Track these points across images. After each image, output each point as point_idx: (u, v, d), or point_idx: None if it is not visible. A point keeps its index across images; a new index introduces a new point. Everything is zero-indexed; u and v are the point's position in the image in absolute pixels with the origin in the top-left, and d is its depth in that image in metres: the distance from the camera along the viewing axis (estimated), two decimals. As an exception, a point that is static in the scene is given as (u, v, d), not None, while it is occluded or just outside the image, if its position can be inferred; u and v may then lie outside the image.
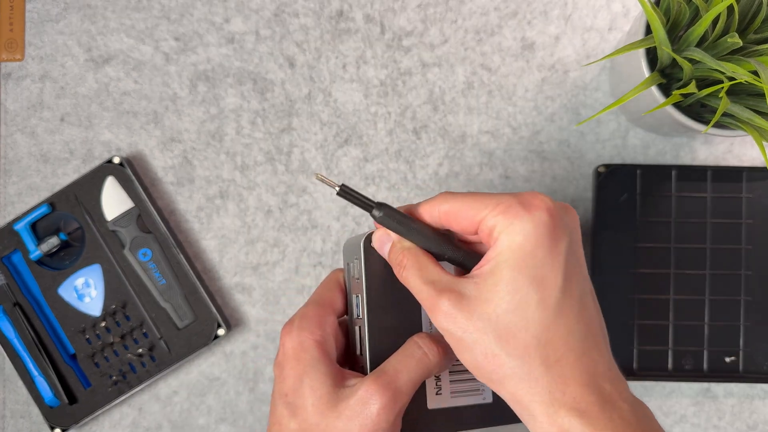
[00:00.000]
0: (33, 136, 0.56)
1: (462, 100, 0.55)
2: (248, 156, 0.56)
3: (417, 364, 0.35)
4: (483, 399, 0.40)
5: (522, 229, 0.32)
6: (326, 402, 0.34)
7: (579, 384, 0.31)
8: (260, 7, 0.56)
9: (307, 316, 0.37)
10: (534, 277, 0.32)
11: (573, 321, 0.32)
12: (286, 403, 0.35)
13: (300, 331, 0.36)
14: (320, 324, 0.37)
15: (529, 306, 0.31)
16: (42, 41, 0.56)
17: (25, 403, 0.55)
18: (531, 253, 0.32)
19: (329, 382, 0.35)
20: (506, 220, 0.32)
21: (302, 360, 0.35)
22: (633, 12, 0.55)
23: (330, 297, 0.38)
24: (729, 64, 0.40)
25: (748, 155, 0.54)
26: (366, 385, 0.34)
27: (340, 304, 0.39)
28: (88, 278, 0.54)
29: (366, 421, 0.34)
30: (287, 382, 0.36)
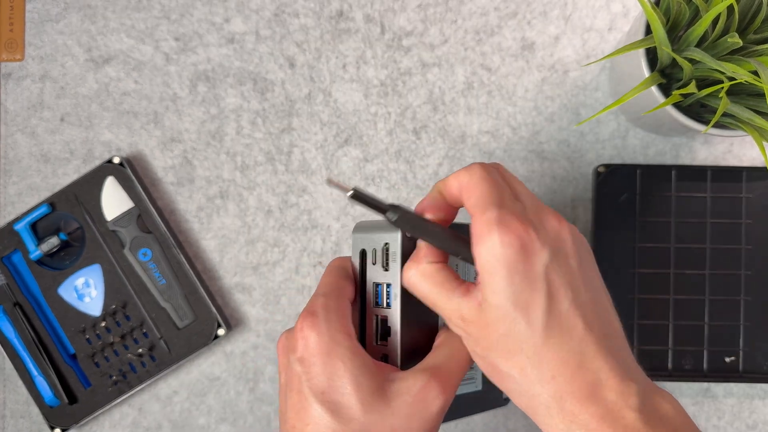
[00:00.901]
0: (33, 136, 0.56)
1: (462, 100, 0.55)
2: (248, 156, 0.56)
3: (465, 360, 0.36)
4: (475, 387, 0.41)
5: (491, 254, 0.32)
6: (377, 398, 0.33)
7: (577, 398, 0.32)
8: (260, 8, 0.56)
9: (331, 309, 0.35)
10: (516, 303, 0.32)
11: (565, 338, 0.32)
12: (324, 402, 0.33)
13: (329, 323, 0.34)
14: (346, 315, 0.35)
15: (518, 332, 0.32)
16: (42, 41, 0.56)
17: (25, 402, 0.55)
18: (507, 279, 0.32)
19: (374, 377, 0.33)
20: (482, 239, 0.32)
21: (336, 355, 0.33)
22: (633, 12, 0.55)
23: (343, 286, 0.37)
24: (729, 64, 0.40)
25: (747, 155, 0.54)
26: (426, 381, 0.33)
27: (351, 293, 0.37)
28: (88, 278, 0.54)
29: (426, 417, 0.33)
30: (320, 379, 0.33)
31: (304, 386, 0.33)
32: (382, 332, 0.37)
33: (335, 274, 0.37)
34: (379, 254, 0.37)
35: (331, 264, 0.38)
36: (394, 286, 0.37)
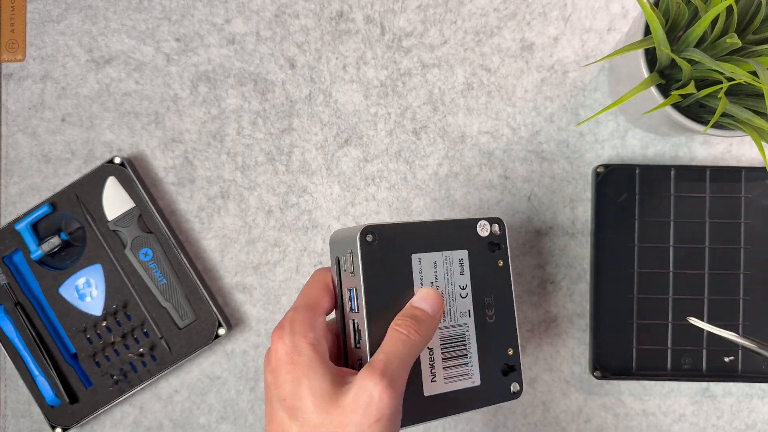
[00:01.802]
0: (34, 136, 0.56)
1: (461, 100, 0.55)
2: (249, 156, 0.56)
3: (403, 347, 0.36)
4: (473, 382, 0.41)
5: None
6: (328, 400, 0.35)
7: None
8: (261, 9, 0.56)
9: (297, 320, 0.37)
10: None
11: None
12: (285, 408, 0.36)
13: (292, 335, 0.36)
14: (311, 326, 0.37)
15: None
16: (43, 42, 0.56)
17: (26, 402, 0.56)
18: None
19: (328, 380, 0.35)
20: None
21: (298, 363, 0.36)
22: (632, 13, 0.55)
23: (317, 298, 0.39)
24: (728, 65, 0.40)
25: (746, 155, 0.55)
26: (362, 377, 0.35)
27: (327, 303, 0.39)
28: (89, 278, 0.54)
29: (369, 410, 0.34)
30: (284, 387, 0.36)
31: (273, 395, 0.36)
32: (357, 336, 0.38)
33: (312, 286, 0.40)
34: (348, 260, 0.38)
35: (312, 276, 0.40)
36: (358, 290, 0.38)
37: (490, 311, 0.43)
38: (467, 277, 0.42)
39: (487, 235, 0.43)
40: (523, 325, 0.55)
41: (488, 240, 0.43)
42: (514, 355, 0.44)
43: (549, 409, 0.54)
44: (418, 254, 0.40)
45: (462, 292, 0.42)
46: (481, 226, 0.43)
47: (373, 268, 0.38)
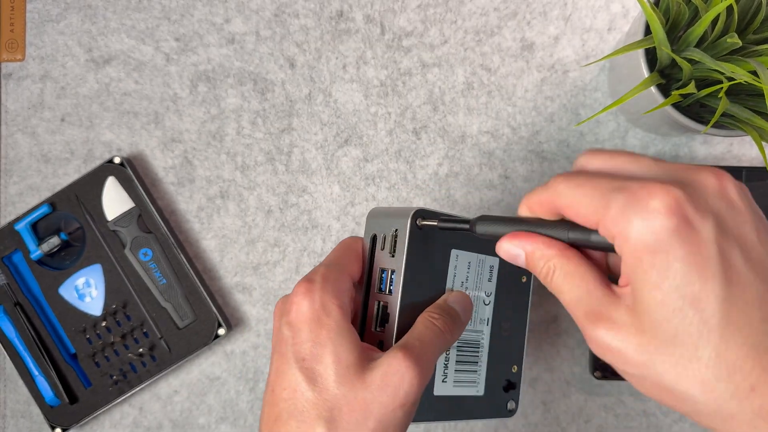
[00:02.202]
0: (34, 136, 0.56)
1: (462, 100, 0.55)
2: (249, 156, 0.56)
3: (436, 339, 0.35)
4: (477, 391, 0.41)
5: (643, 243, 0.25)
6: (354, 372, 0.32)
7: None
8: (260, 8, 0.56)
9: (329, 279, 0.34)
10: (684, 296, 0.25)
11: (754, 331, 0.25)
12: (302, 368, 0.33)
13: (323, 293, 0.34)
14: (343, 289, 0.35)
15: (691, 333, 0.25)
16: (43, 41, 0.56)
17: (25, 402, 0.56)
18: (665, 270, 0.25)
19: (356, 351, 0.33)
20: (622, 233, 0.26)
21: (325, 325, 0.33)
22: (632, 12, 0.55)
23: (350, 261, 0.37)
24: (728, 65, 0.40)
25: (747, 155, 0.55)
26: (397, 357, 0.33)
27: (357, 273, 0.37)
28: (88, 278, 0.54)
29: (398, 393, 0.32)
30: (305, 346, 0.33)
31: (288, 350, 0.33)
32: (381, 318, 0.37)
33: (343, 249, 0.37)
34: (389, 240, 0.37)
35: (343, 241, 0.38)
36: (397, 272, 0.36)
37: (506, 324, 0.43)
38: (494, 285, 0.42)
39: None
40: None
41: None
42: (517, 373, 0.43)
43: (549, 409, 0.54)
44: (457, 250, 0.39)
45: (486, 299, 0.42)
46: None
47: (415, 254, 0.37)
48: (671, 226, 0.25)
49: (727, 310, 0.25)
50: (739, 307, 0.25)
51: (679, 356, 0.25)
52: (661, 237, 0.25)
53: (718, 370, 0.25)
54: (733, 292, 0.25)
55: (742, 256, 0.26)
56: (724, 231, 0.26)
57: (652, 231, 0.25)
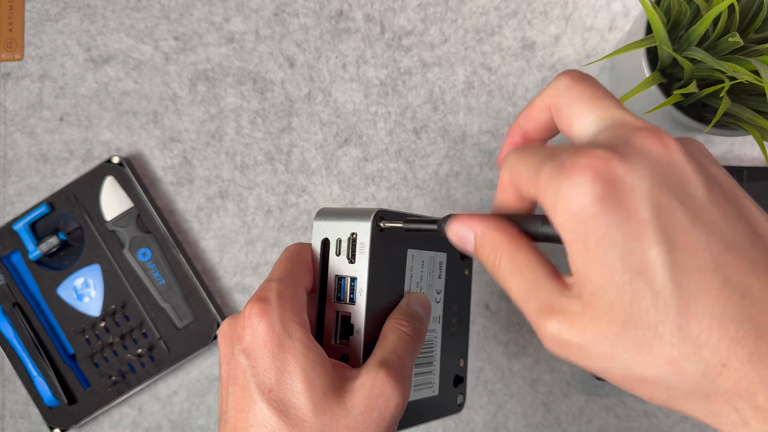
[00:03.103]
0: (32, 135, 0.56)
1: (462, 99, 0.55)
2: (248, 156, 0.55)
3: (410, 348, 0.32)
4: (432, 392, 0.40)
5: (570, 214, 0.23)
6: (330, 397, 0.29)
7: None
8: (260, 7, 0.56)
9: (285, 295, 0.31)
10: (628, 265, 0.22)
11: (717, 293, 0.22)
12: (270, 400, 0.29)
13: (282, 312, 0.30)
14: (301, 304, 0.31)
15: (645, 310, 0.22)
16: (41, 41, 0.56)
17: (24, 403, 0.55)
18: (602, 241, 0.22)
19: (328, 374, 0.30)
20: (551, 205, 0.23)
21: (288, 348, 0.29)
22: (633, 12, 0.55)
23: (300, 271, 0.33)
24: (730, 64, 0.40)
25: (748, 155, 0.54)
26: (380, 377, 0.30)
27: (309, 284, 0.33)
28: (87, 278, 0.54)
29: (383, 416, 0.30)
30: (268, 375, 0.29)
31: (250, 381, 0.29)
32: (342, 330, 0.34)
33: (292, 259, 0.33)
34: (345, 245, 0.34)
35: (288, 248, 0.34)
36: (360, 280, 0.33)
37: (454, 319, 0.41)
38: (443, 281, 0.40)
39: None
40: (525, 325, 0.54)
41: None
42: (464, 366, 0.42)
43: (550, 410, 0.54)
44: (413, 250, 0.37)
45: (437, 297, 0.40)
46: None
47: (377, 259, 0.34)
48: (599, 192, 0.22)
49: (679, 278, 0.22)
50: (690, 274, 0.22)
51: (641, 338, 0.22)
52: (589, 206, 0.22)
53: (683, 347, 0.22)
54: (681, 258, 0.22)
55: (688, 216, 0.22)
56: (664, 191, 0.22)
57: (579, 200, 0.22)
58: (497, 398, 0.54)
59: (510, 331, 0.54)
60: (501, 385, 0.54)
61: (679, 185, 0.22)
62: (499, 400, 0.54)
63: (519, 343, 0.54)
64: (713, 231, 0.22)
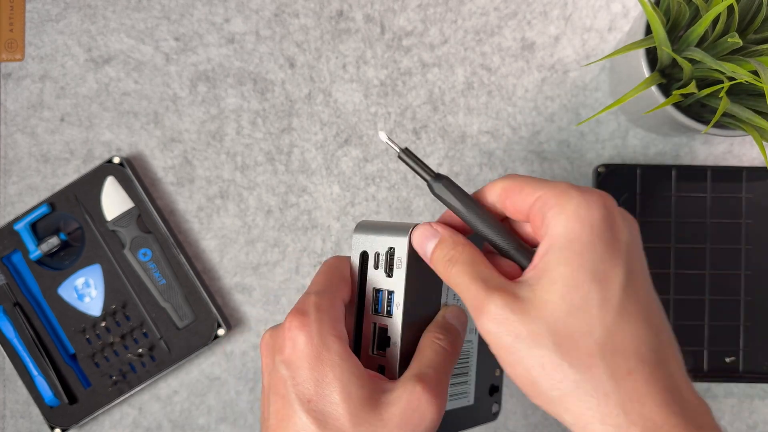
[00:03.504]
0: (33, 136, 0.56)
1: (462, 100, 0.55)
2: (248, 156, 0.56)
3: (445, 362, 0.33)
4: (468, 401, 0.40)
5: (575, 214, 0.28)
6: (368, 410, 0.30)
7: (658, 404, 0.27)
8: (260, 8, 0.56)
9: (323, 309, 0.32)
10: (594, 273, 0.27)
11: (641, 327, 0.28)
12: (309, 410, 0.30)
13: (320, 325, 0.31)
14: (338, 318, 0.32)
15: (591, 307, 0.27)
16: (42, 41, 0.56)
17: (25, 402, 0.55)
18: (589, 245, 0.28)
19: (366, 386, 0.31)
20: (559, 205, 0.29)
21: (326, 360, 0.31)
22: (633, 12, 0.55)
23: (338, 284, 0.34)
24: (729, 64, 0.40)
25: (747, 155, 0.54)
26: (416, 392, 0.31)
27: (347, 296, 0.35)
28: (88, 278, 0.54)
29: (418, 428, 0.30)
30: (307, 386, 0.30)
31: (290, 391, 0.31)
32: (379, 342, 0.35)
33: (330, 273, 0.35)
34: (383, 258, 0.34)
35: (327, 262, 0.36)
36: (396, 294, 0.34)
37: None
38: None
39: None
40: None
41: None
42: (500, 376, 0.42)
43: (549, 409, 0.54)
44: None
45: None
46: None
47: (414, 273, 0.34)
48: (604, 214, 0.28)
49: (626, 298, 0.28)
50: (634, 300, 0.28)
51: (572, 331, 0.27)
52: (595, 219, 0.28)
53: (604, 349, 0.27)
54: (632, 286, 0.28)
55: (642, 264, 0.29)
56: (633, 239, 0.29)
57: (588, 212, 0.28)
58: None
59: (510, 331, 0.54)
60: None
61: (639, 243, 0.30)
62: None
63: (519, 343, 0.54)
64: (649, 280, 0.30)
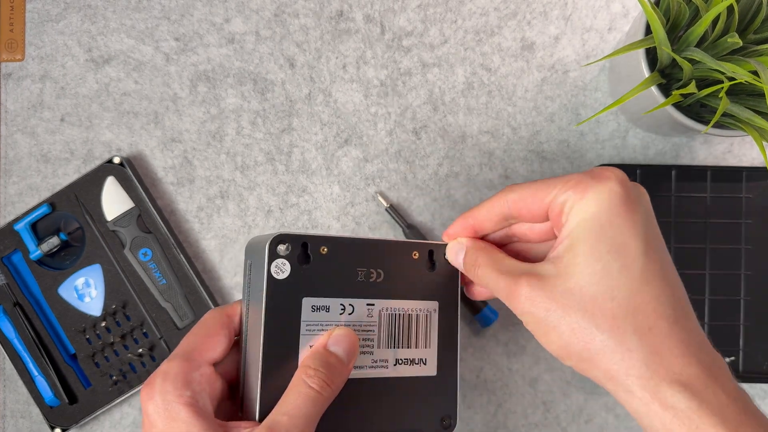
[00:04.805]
0: (33, 136, 0.56)
1: (462, 100, 0.55)
2: (248, 156, 0.56)
3: (312, 405, 0.32)
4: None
5: (595, 199, 0.31)
6: None
7: (677, 355, 0.29)
8: (260, 8, 0.56)
9: (170, 375, 0.32)
10: (613, 244, 0.30)
11: (659, 287, 0.30)
12: None
13: (164, 394, 0.31)
14: (186, 382, 0.32)
15: (611, 274, 0.30)
16: (42, 41, 0.56)
17: (25, 402, 0.55)
18: (608, 221, 0.31)
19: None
20: (577, 194, 0.31)
21: (175, 429, 0.31)
22: (632, 12, 0.55)
23: (201, 344, 0.34)
24: (729, 64, 0.40)
25: (747, 155, 0.54)
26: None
27: (216, 350, 0.34)
28: (88, 278, 0.54)
29: None
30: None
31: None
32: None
33: (198, 331, 0.35)
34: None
35: (204, 316, 0.36)
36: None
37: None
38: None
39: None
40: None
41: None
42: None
43: (549, 409, 0.54)
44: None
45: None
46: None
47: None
48: (620, 193, 0.31)
49: (645, 264, 0.31)
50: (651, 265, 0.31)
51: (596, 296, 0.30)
52: (613, 198, 0.31)
53: (626, 310, 0.30)
54: (650, 253, 0.31)
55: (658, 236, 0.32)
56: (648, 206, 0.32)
57: (607, 193, 0.31)
58: (497, 397, 0.54)
59: (509, 331, 0.55)
60: (500, 384, 0.54)
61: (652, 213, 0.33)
62: (499, 399, 0.54)
63: (519, 343, 0.54)
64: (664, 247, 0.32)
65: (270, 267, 0.32)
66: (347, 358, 0.34)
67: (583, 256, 0.31)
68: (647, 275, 0.30)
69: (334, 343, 0.34)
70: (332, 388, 0.33)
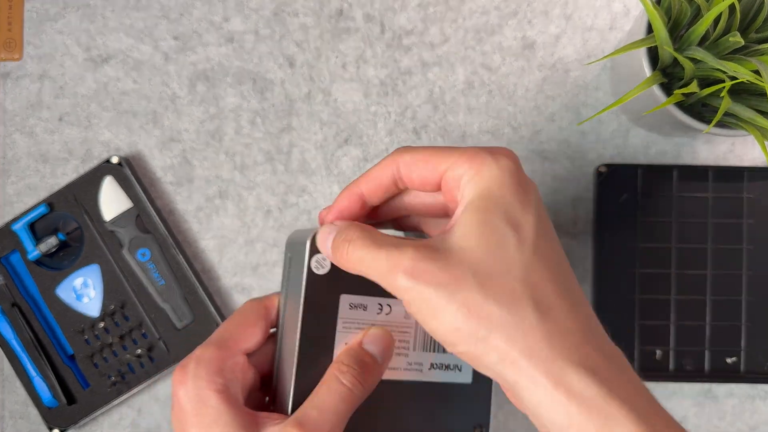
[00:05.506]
0: (31, 135, 0.56)
1: (462, 99, 0.55)
2: (248, 156, 0.55)
3: (342, 402, 0.31)
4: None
5: (490, 174, 0.30)
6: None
7: (580, 340, 0.28)
8: (260, 7, 0.55)
9: (203, 361, 0.32)
10: (508, 219, 0.29)
11: (554, 269, 0.29)
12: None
13: (196, 380, 0.32)
14: (219, 369, 0.32)
15: (508, 247, 0.29)
16: (41, 40, 0.56)
17: (23, 403, 0.55)
18: (501, 197, 0.29)
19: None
20: (473, 168, 0.30)
21: (204, 415, 0.31)
22: (634, 11, 0.55)
23: (237, 333, 0.34)
24: (731, 64, 0.40)
25: (749, 155, 0.54)
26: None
27: (251, 340, 0.34)
28: (86, 278, 0.54)
29: None
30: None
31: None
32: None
33: (233, 319, 0.35)
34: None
35: (241, 306, 0.36)
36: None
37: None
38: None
39: None
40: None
41: None
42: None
43: (550, 410, 0.54)
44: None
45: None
46: None
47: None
48: (513, 171, 0.30)
49: (538, 240, 0.29)
50: (545, 244, 0.30)
51: (492, 270, 0.28)
52: (509, 175, 0.30)
53: (524, 285, 0.28)
54: (543, 231, 0.30)
55: (547, 217, 0.31)
56: (538, 194, 0.31)
57: (503, 170, 0.30)
58: (497, 398, 0.54)
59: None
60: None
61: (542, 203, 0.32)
62: (500, 400, 0.54)
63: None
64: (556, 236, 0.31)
65: (310, 262, 0.32)
66: (382, 358, 0.33)
67: (478, 228, 0.29)
68: (542, 253, 0.29)
69: (370, 342, 0.33)
70: (364, 387, 0.32)
